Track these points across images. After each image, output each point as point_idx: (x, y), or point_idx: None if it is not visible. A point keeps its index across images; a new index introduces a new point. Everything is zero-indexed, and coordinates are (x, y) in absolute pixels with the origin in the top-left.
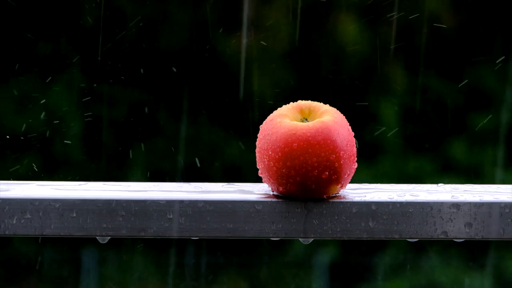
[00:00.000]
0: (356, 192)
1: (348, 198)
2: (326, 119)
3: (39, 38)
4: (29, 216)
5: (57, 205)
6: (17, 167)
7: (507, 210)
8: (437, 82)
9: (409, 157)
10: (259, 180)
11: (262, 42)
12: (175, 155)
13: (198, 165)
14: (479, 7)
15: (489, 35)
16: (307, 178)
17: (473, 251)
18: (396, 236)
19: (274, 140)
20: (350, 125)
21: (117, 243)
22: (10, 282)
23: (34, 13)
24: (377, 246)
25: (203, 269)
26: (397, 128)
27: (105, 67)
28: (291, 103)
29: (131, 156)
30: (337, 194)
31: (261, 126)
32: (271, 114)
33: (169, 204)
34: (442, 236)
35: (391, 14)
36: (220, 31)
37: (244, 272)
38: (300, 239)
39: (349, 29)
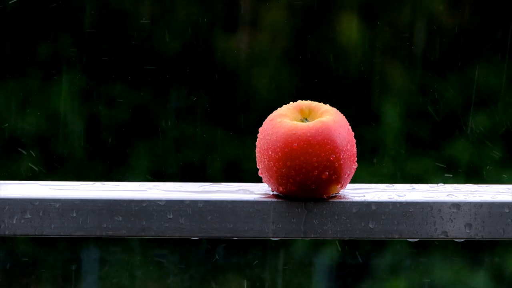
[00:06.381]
0: (356, 192)
1: (348, 198)
2: (326, 119)
3: (39, 38)
4: (29, 216)
5: (57, 205)
6: (17, 167)
7: (507, 210)
8: (438, 82)
9: (409, 157)
10: (259, 180)
11: (262, 41)
12: (175, 155)
13: (198, 165)
14: (480, 7)
15: (490, 35)
16: (307, 178)
17: (473, 251)
18: (396, 236)
19: (274, 140)
20: (350, 125)
21: (118, 243)
22: (10, 282)
23: (34, 13)
24: (377, 246)
25: (203, 269)
26: (398, 128)
27: (105, 67)
28: (291, 103)
29: (131, 156)
30: (337, 194)
31: (261, 126)
32: (271, 114)
33: (169, 204)
34: (442, 236)
35: (392, 13)
36: (220, 30)
37: (244, 272)
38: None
39: (349, 28)
